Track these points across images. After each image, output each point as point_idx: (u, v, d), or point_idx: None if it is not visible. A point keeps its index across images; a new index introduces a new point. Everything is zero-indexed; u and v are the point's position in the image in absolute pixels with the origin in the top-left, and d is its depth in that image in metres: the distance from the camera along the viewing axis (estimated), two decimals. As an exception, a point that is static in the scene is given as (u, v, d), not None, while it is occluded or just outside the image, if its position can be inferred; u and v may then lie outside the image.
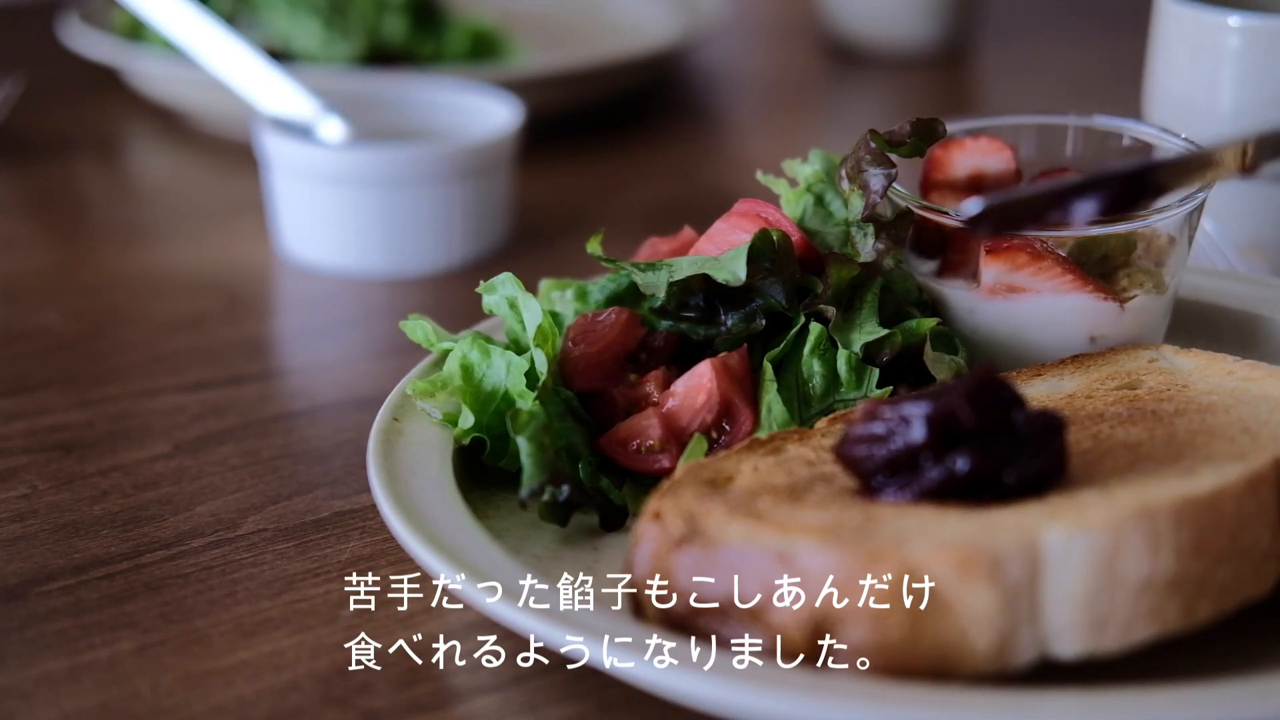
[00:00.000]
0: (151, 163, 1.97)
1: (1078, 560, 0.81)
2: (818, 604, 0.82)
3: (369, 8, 1.92)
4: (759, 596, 0.83)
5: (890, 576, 0.81)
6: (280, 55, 1.85)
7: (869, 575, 0.81)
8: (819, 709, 0.79)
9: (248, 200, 1.68)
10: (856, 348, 1.04)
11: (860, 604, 0.81)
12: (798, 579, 0.82)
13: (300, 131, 1.57)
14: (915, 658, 0.81)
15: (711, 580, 0.85)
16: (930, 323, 1.07)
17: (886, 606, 0.81)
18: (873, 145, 1.07)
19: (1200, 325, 1.21)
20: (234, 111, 1.74)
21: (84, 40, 1.98)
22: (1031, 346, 1.09)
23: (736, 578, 0.84)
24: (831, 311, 1.04)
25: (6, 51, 2.32)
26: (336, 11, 1.91)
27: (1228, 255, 1.34)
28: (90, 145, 1.98)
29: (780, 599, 0.83)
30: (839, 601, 0.82)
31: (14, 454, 1.18)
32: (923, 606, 0.81)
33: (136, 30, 1.98)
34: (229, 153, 1.84)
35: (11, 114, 1.89)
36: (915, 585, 0.81)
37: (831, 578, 0.82)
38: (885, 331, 1.05)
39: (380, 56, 1.91)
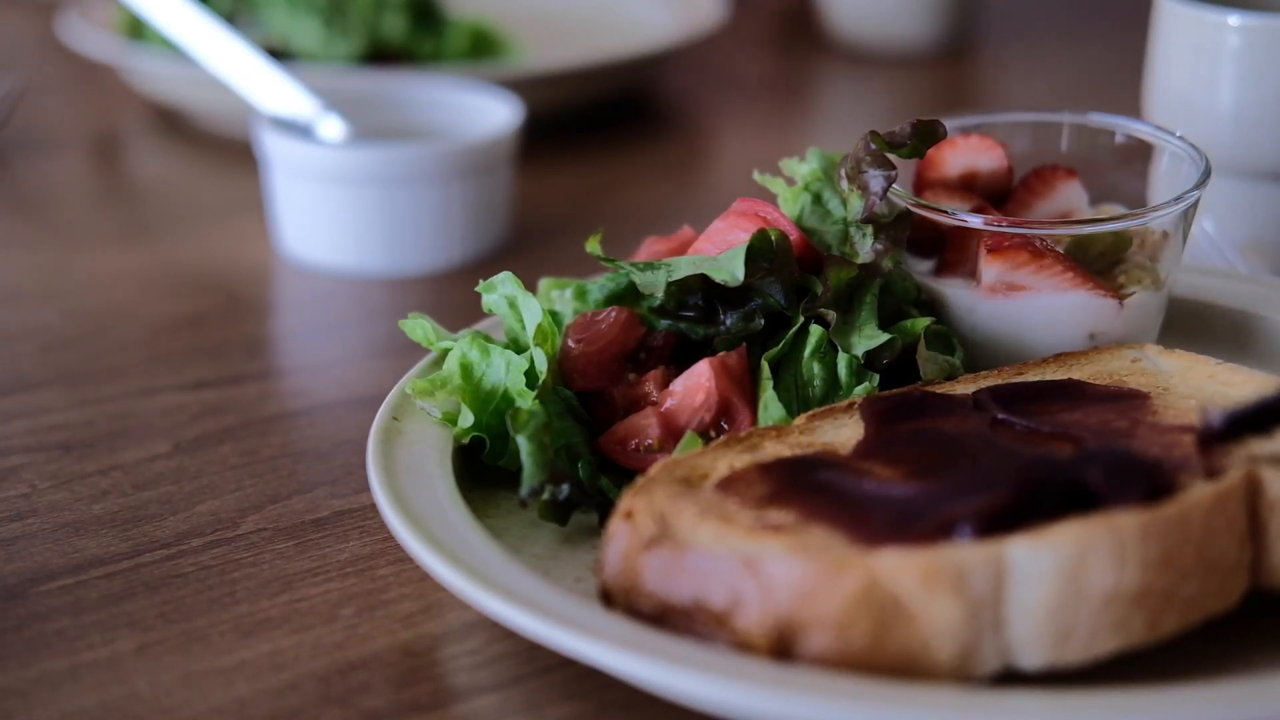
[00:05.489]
0: (151, 162, 1.97)
1: (1043, 573, 0.81)
2: (782, 611, 0.82)
3: (368, 7, 1.92)
4: (725, 602, 0.83)
5: (855, 586, 0.81)
6: (280, 54, 1.85)
7: (834, 584, 0.81)
8: (821, 709, 0.78)
9: (247, 199, 1.68)
10: (858, 352, 1.04)
11: (824, 612, 0.81)
12: (763, 586, 0.82)
13: (300, 130, 1.57)
14: (877, 666, 0.81)
15: (679, 584, 0.85)
16: (924, 322, 1.07)
17: (850, 616, 0.81)
18: (873, 146, 1.07)
19: (1198, 324, 1.21)
20: (234, 110, 1.74)
21: (83, 38, 1.98)
22: (1031, 344, 1.09)
23: (703, 582, 0.84)
24: (832, 315, 1.04)
25: (6, 51, 2.32)
26: (336, 10, 1.91)
27: (1227, 254, 1.34)
28: (90, 144, 1.98)
29: (745, 605, 0.83)
30: (803, 610, 0.82)
31: (13, 453, 1.17)
32: (887, 617, 0.81)
33: (136, 29, 1.97)
34: (229, 152, 1.84)
35: (11, 113, 1.89)
36: (879, 595, 0.81)
37: (797, 586, 0.82)
38: (886, 337, 1.04)
39: (380, 55, 1.91)
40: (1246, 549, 0.86)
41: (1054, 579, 0.81)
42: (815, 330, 1.04)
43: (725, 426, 1.03)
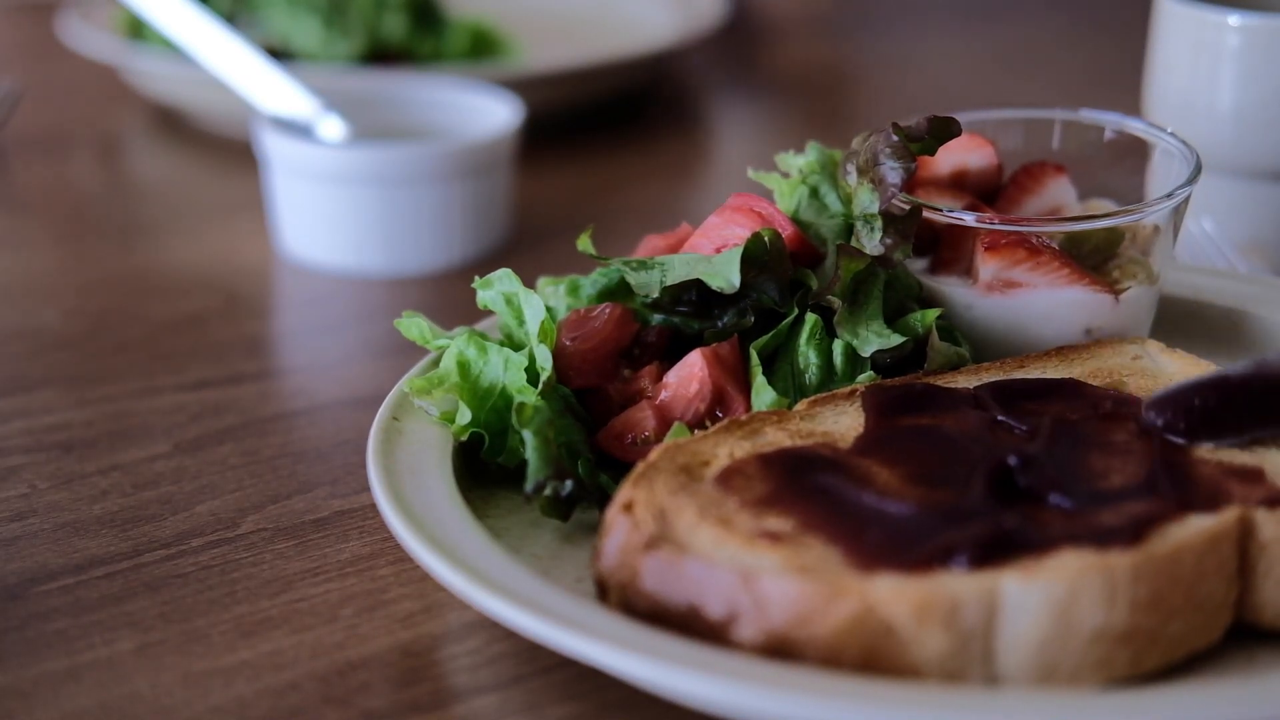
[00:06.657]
0: (151, 162, 1.97)
1: (1034, 609, 0.81)
2: (776, 629, 0.82)
3: (368, 7, 1.92)
4: (722, 613, 0.84)
5: (850, 611, 0.81)
6: (280, 54, 1.85)
7: (829, 608, 0.81)
8: (820, 709, 0.78)
9: (247, 199, 1.68)
10: (867, 352, 1.03)
11: (818, 634, 0.82)
12: (759, 602, 0.83)
13: (300, 130, 1.57)
14: None
15: (676, 589, 0.85)
16: (934, 313, 1.07)
17: (843, 639, 0.81)
18: (894, 138, 1.06)
19: (1196, 323, 1.21)
20: (234, 110, 1.74)
21: (84, 39, 1.98)
22: (1028, 340, 1.09)
23: (701, 592, 0.84)
24: (838, 303, 1.04)
25: (6, 50, 2.32)
26: (336, 10, 1.91)
27: (1227, 254, 1.34)
28: (90, 144, 1.98)
29: (741, 619, 0.83)
30: (797, 629, 0.82)
31: (13, 453, 1.17)
32: (878, 642, 0.81)
33: (136, 29, 1.98)
34: (229, 152, 1.84)
35: (11, 113, 1.89)
36: (873, 622, 0.81)
37: (792, 606, 0.82)
38: (898, 340, 1.04)
39: (380, 55, 1.92)
40: (1234, 588, 0.86)
41: (1044, 615, 0.81)
42: (810, 318, 1.04)
43: (720, 415, 1.03)
